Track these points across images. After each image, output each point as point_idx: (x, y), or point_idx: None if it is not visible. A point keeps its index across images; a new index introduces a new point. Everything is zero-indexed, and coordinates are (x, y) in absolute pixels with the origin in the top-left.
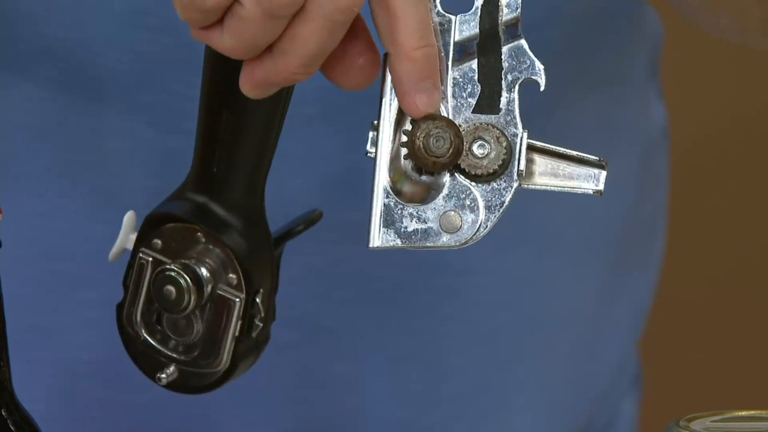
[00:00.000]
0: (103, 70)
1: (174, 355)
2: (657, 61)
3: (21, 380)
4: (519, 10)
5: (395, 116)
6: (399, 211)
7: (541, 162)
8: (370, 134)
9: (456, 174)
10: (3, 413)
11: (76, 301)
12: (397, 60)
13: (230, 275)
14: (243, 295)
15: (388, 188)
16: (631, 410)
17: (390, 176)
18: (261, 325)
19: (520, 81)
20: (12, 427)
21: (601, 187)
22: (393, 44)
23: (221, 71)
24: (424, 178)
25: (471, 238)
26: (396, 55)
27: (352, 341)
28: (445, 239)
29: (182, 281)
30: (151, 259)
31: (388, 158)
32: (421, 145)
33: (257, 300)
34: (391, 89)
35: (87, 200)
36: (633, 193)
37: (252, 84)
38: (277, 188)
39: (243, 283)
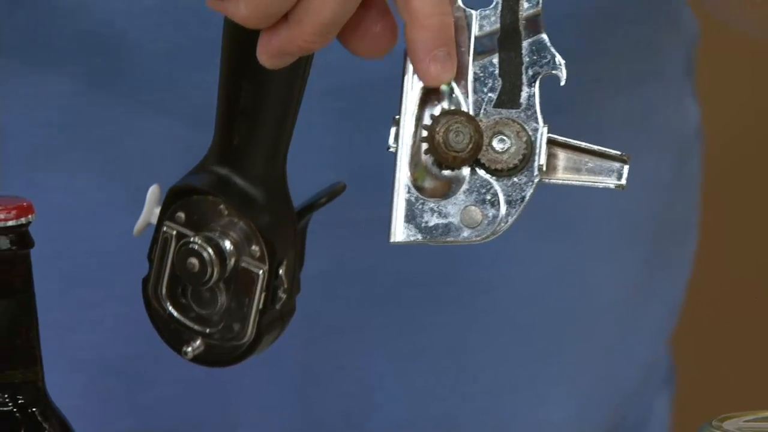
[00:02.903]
0: (134, 65)
1: (199, 329)
2: (691, 60)
3: (50, 376)
4: (540, 4)
5: (417, 111)
6: (420, 206)
7: (563, 157)
8: (392, 129)
9: (476, 169)
10: (35, 412)
11: (106, 297)
12: (412, 27)
13: (253, 247)
14: (266, 267)
15: (409, 183)
16: (664, 408)
17: (411, 171)
18: (285, 296)
19: (540, 76)
20: (45, 425)
21: (623, 181)
22: (407, 12)
23: (239, 43)
24: (444, 172)
25: (492, 233)
26: (410, 23)
27: (381, 336)
28: (465, 234)
29: (205, 254)
30: (174, 232)
31: (410, 153)
32: (441, 140)
33: (280, 272)
34: (412, 85)
35: (118, 196)
36: (667, 191)
37: (269, 54)
38: (307, 182)
39: (266, 255)
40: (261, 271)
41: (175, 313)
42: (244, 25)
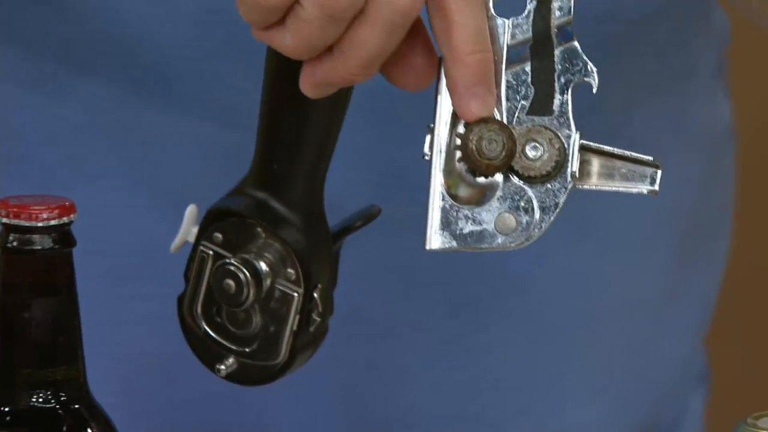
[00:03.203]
0: (165, 66)
1: (233, 348)
2: (723, 59)
3: (92, 373)
4: (572, 13)
5: (450, 119)
6: (455, 213)
7: (596, 163)
8: (427, 137)
9: (510, 176)
10: (78, 409)
11: (138, 295)
12: (452, 65)
13: (289, 270)
14: (301, 290)
15: (444, 191)
16: (699, 407)
17: (445, 179)
18: (319, 319)
19: (573, 83)
20: (87, 422)
21: (656, 187)
22: (448, 49)
23: (283, 71)
24: (478, 180)
25: (526, 239)
26: (451, 60)
27: (407, 335)
28: (500, 240)
29: (241, 275)
30: (211, 252)
31: (444, 161)
32: (475, 148)
33: (315, 295)
34: (446, 92)
35: (149, 196)
36: (699, 189)
37: (312, 84)
38: (332, 182)
39: (301, 278)
40: (296, 294)
41: (210, 331)
42: (289, 55)
